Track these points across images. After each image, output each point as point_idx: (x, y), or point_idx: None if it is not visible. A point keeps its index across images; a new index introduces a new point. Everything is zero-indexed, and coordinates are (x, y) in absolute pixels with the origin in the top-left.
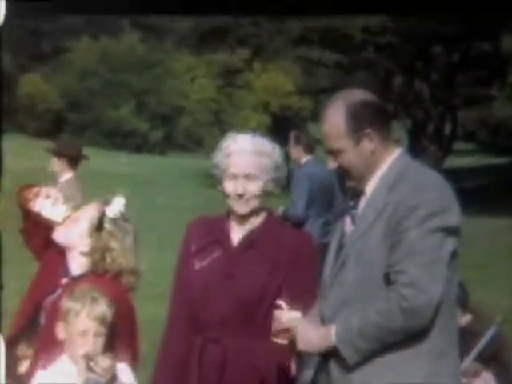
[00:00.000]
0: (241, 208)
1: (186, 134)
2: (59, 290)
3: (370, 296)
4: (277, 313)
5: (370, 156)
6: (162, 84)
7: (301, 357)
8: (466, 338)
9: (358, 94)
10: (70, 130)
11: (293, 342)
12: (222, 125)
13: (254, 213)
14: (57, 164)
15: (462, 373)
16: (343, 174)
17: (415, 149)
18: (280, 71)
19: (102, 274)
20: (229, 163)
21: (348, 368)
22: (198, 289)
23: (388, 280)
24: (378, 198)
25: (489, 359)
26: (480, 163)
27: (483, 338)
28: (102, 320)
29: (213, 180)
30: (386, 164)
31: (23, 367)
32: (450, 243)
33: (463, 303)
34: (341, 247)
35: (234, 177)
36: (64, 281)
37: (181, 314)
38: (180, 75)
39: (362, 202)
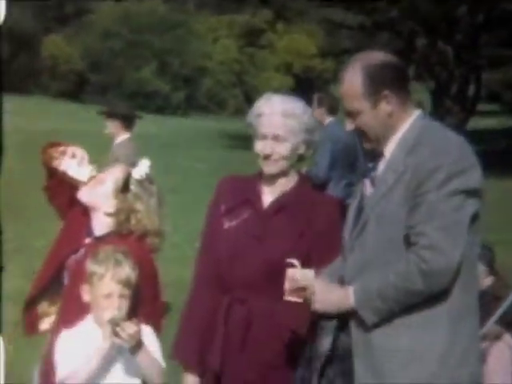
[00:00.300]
0: (268, 168)
1: (208, 96)
2: (82, 250)
3: (391, 258)
4: (290, 271)
5: (387, 118)
6: (185, 45)
7: (315, 318)
8: (488, 300)
9: (377, 56)
10: (91, 91)
11: (307, 301)
12: (244, 86)
13: (283, 174)
14: (111, 126)
15: (483, 335)
16: (361, 135)
17: (438, 110)
18: (303, 33)
19: (126, 235)
20: (259, 123)
21: (367, 329)
22: (225, 249)
23: (408, 242)
24: (397, 161)
25: (510, 322)
26: (504, 125)
27: (505, 302)
28: (126, 283)
29: (236, 142)
30: (404, 126)
31: (44, 325)
32: (471, 205)
33: (489, 263)
34: (360, 210)
35: (263, 137)
36: (87, 241)
37: (207, 273)
38: (202, 36)
39: (382, 165)
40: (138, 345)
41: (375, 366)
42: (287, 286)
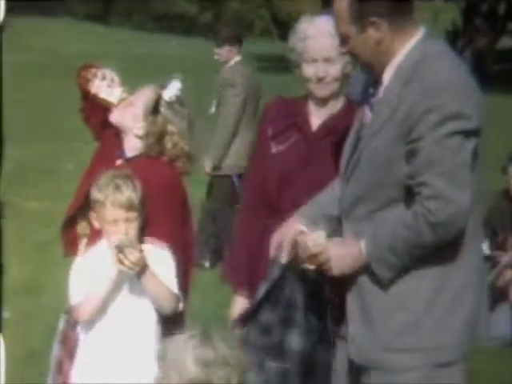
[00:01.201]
0: (322, 91)
1: (235, 17)
2: None
3: (382, 198)
4: (301, 239)
5: (374, 45)
6: None
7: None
8: None
9: None
10: (118, 13)
11: (322, 267)
12: (271, 7)
13: (333, 97)
14: (221, 51)
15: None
16: (354, 59)
17: (468, 29)
18: None
19: (156, 158)
20: (306, 46)
21: (381, 283)
22: (273, 173)
23: (410, 191)
24: (392, 92)
25: None
26: None
27: None
28: (128, 206)
29: (264, 64)
30: (402, 52)
31: (83, 244)
32: (470, 144)
33: None
34: (358, 139)
35: (314, 60)
36: (118, 162)
37: (256, 197)
38: None
39: (381, 91)
40: (142, 270)
41: (365, 309)
42: (300, 253)
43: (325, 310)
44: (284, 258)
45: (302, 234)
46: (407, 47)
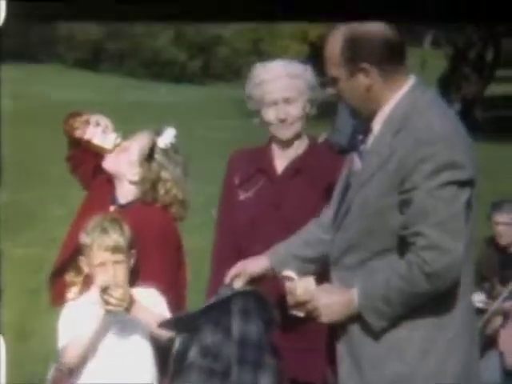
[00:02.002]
0: (284, 133)
1: (224, 64)
2: None
3: (375, 245)
4: (289, 285)
5: (364, 92)
6: None
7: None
8: None
9: (369, 26)
10: (108, 59)
11: (309, 313)
12: (260, 54)
13: (297, 138)
14: None
15: (509, 295)
16: (344, 103)
17: (456, 76)
18: None
19: (150, 204)
20: (264, 91)
21: (373, 332)
22: (244, 220)
23: (403, 241)
24: (382, 142)
25: None
26: None
27: None
28: (115, 249)
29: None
30: (392, 102)
31: (71, 294)
32: (464, 195)
33: None
34: (347, 187)
35: (274, 103)
36: (112, 209)
37: (226, 247)
38: None
39: (370, 140)
40: (129, 305)
41: (355, 357)
42: (288, 300)
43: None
44: (238, 284)
45: (291, 281)
46: (397, 96)
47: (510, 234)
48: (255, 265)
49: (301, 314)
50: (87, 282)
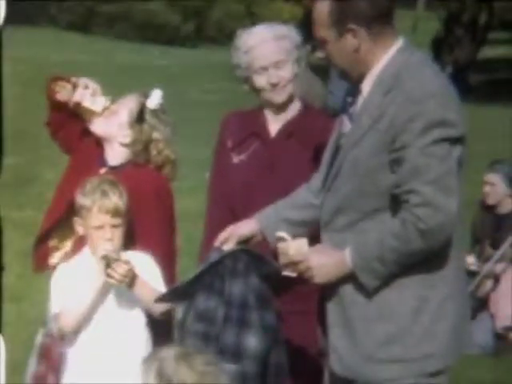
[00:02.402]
0: (279, 97)
1: (217, 27)
2: None
3: (365, 206)
4: (282, 245)
5: (352, 53)
6: None
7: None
8: (508, 224)
9: None
10: (100, 23)
11: (302, 274)
12: (253, 17)
13: (290, 100)
14: None
15: (499, 258)
16: (332, 65)
17: (450, 39)
18: None
19: (142, 165)
20: (253, 58)
21: (367, 292)
22: (237, 183)
23: (396, 199)
24: (373, 102)
25: None
26: None
27: None
28: (114, 212)
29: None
30: (381, 62)
31: (54, 259)
32: (456, 151)
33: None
34: (337, 149)
35: (263, 68)
36: (102, 171)
37: (220, 210)
38: None
39: (360, 101)
40: (131, 281)
41: (347, 319)
42: (281, 261)
43: (278, 309)
44: (228, 247)
45: (283, 241)
46: (386, 57)
47: (496, 194)
48: (244, 227)
49: (293, 274)
50: (79, 243)
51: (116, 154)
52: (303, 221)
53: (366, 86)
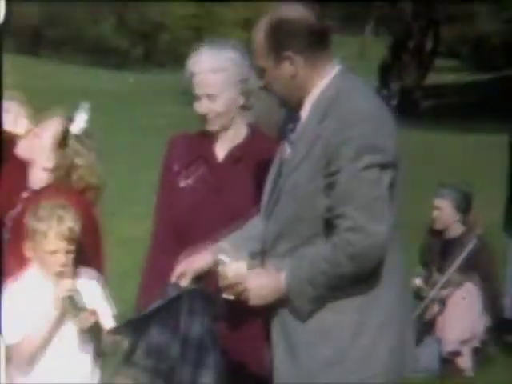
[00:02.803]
0: (209, 126)
1: (166, 51)
2: (20, 206)
3: (305, 231)
4: (221, 268)
5: (290, 80)
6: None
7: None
8: (455, 249)
9: (289, 11)
10: (48, 46)
11: (241, 297)
12: (202, 41)
13: (227, 129)
14: None
15: (446, 283)
16: (272, 93)
17: (396, 65)
18: None
19: (64, 189)
20: (193, 84)
21: (301, 316)
22: (184, 207)
23: (329, 224)
24: (309, 129)
25: (471, 271)
26: (462, 80)
27: (465, 250)
28: (70, 238)
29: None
30: (318, 89)
31: None
32: (387, 177)
33: (461, 209)
34: (279, 175)
35: (198, 97)
36: (25, 195)
37: (166, 234)
38: None
39: (299, 127)
40: (96, 331)
41: (289, 341)
42: (220, 283)
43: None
44: (185, 282)
45: (223, 264)
46: (323, 83)
47: (444, 219)
48: (200, 261)
49: (231, 297)
50: (7, 267)
51: (39, 178)
52: (259, 252)
53: (304, 112)
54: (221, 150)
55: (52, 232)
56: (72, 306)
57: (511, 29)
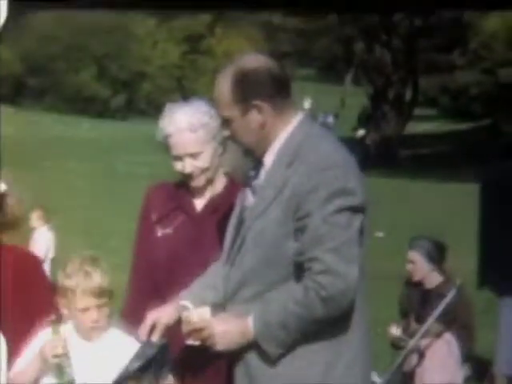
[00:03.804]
0: (194, 183)
1: (147, 100)
2: None
3: (272, 276)
4: (185, 314)
5: (258, 129)
6: (124, 49)
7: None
8: (434, 299)
9: (252, 61)
10: (29, 95)
11: (205, 341)
12: (184, 91)
13: (209, 183)
14: None
15: (424, 333)
16: (237, 143)
17: (376, 114)
18: (241, 37)
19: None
20: (170, 145)
21: (271, 360)
22: (162, 257)
23: (300, 267)
24: (276, 175)
25: (450, 321)
26: (441, 129)
27: (444, 300)
28: (99, 293)
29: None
30: (283, 135)
31: None
32: (357, 220)
33: (435, 260)
34: (241, 222)
35: (179, 158)
36: None
37: (143, 283)
38: (142, 40)
39: (262, 175)
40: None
41: None
42: (184, 329)
43: None
44: (156, 337)
45: (187, 310)
46: (288, 129)
47: (419, 271)
48: (168, 314)
49: (196, 343)
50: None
51: None
52: (224, 299)
53: (269, 159)
54: (199, 200)
55: (79, 289)
56: (59, 373)
57: (489, 79)
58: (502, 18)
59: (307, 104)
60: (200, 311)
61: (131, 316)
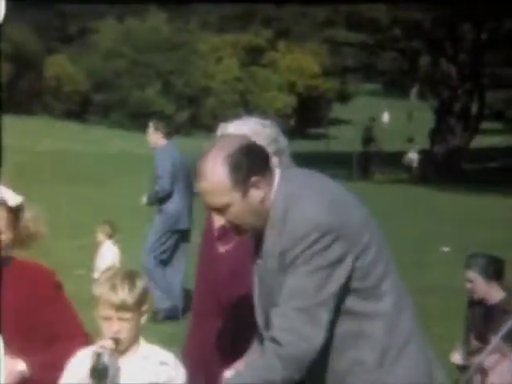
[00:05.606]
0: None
1: (211, 115)
2: None
3: None
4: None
5: (259, 205)
6: (188, 65)
7: None
8: (496, 315)
9: (235, 141)
10: (95, 111)
11: None
12: (247, 105)
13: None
14: None
15: (489, 351)
16: (234, 229)
17: (442, 129)
18: (306, 52)
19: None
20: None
21: None
22: (224, 272)
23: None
24: (272, 246)
25: None
26: (508, 143)
27: (510, 319)
28: (119, 307)
29: None
30: (270, 200)
31: None
32: (339, 273)
33: (497, 276)
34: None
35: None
36: None
37: (207, 297)
38: (206, 56)
39: (265, 254)
40: None
41: None
42: None
43: None
44: None
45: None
46: (272, 195)
47: (478, 290)
48: None
49: None
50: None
51: None
52: None
53: (266, 235)
54: None
55: (102, 299)
56: (96, 365)
57: None
58: None
59: (385, 117)
60: None
61: (198, 329)
